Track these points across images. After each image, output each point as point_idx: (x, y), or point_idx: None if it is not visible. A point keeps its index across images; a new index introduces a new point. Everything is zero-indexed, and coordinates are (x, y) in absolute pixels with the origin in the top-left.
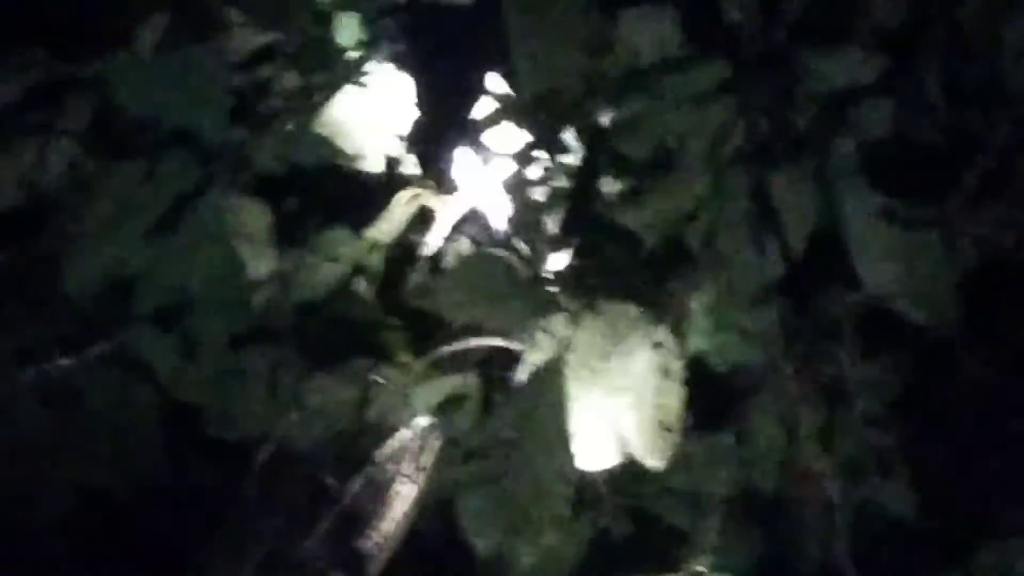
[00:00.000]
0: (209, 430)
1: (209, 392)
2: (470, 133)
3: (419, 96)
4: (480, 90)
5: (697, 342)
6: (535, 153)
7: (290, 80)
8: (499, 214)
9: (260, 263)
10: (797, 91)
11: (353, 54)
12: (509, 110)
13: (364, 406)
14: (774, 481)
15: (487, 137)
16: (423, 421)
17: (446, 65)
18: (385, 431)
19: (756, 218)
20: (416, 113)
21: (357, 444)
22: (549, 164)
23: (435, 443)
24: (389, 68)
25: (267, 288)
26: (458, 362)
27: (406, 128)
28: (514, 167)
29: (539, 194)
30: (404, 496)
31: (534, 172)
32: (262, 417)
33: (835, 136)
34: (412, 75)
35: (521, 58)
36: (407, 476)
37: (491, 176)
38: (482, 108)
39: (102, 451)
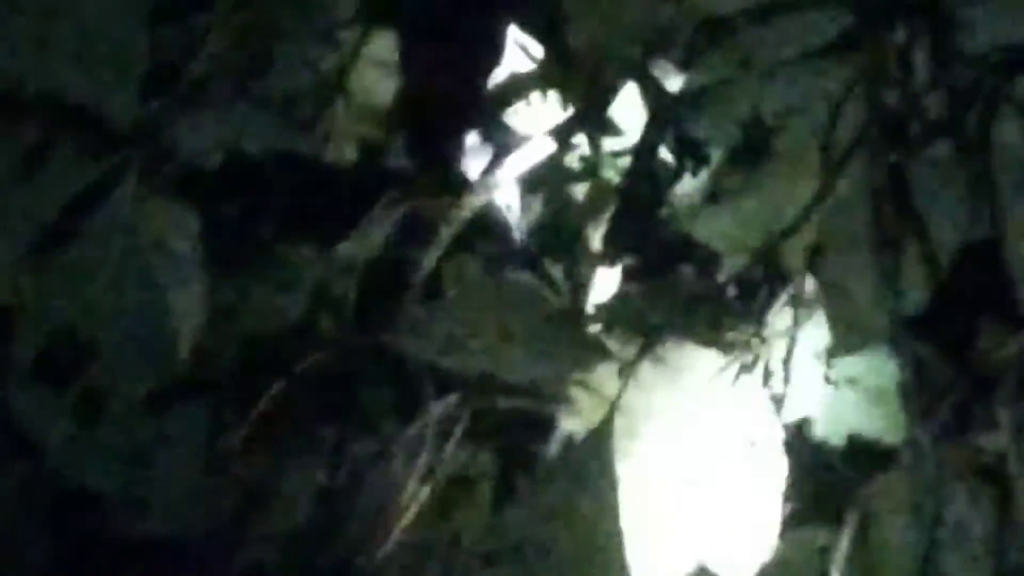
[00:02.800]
0: (113, 525)
1: (115, 472)
2: (482, 110)
3: (409, 57)
4: (497, 49)
5: (800, 403)
6: (574, 138)
7: (228, 35)
8: (522, 222)
9: (187, 290)
10: (944, 52)
11: None
12: (540, 77)
13: (329, 495)
14: None
15: (507, 116)
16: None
17: (447, 14)
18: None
19: (881, 229)
20: (405, 81)
21: (324, 548)
22: (592, 152)
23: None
24: (364, 17)
25: (197, 325)
26: (464, 431)
27: (391, 103)
28: (543, 156)
29: (578, 194)
30: None
31: (572, 163)
32: (189, 509)
33: (997, 116)
34: (399, 27)
35: None
36: None
37: (511, 170)
38: (500, 75)
39: None
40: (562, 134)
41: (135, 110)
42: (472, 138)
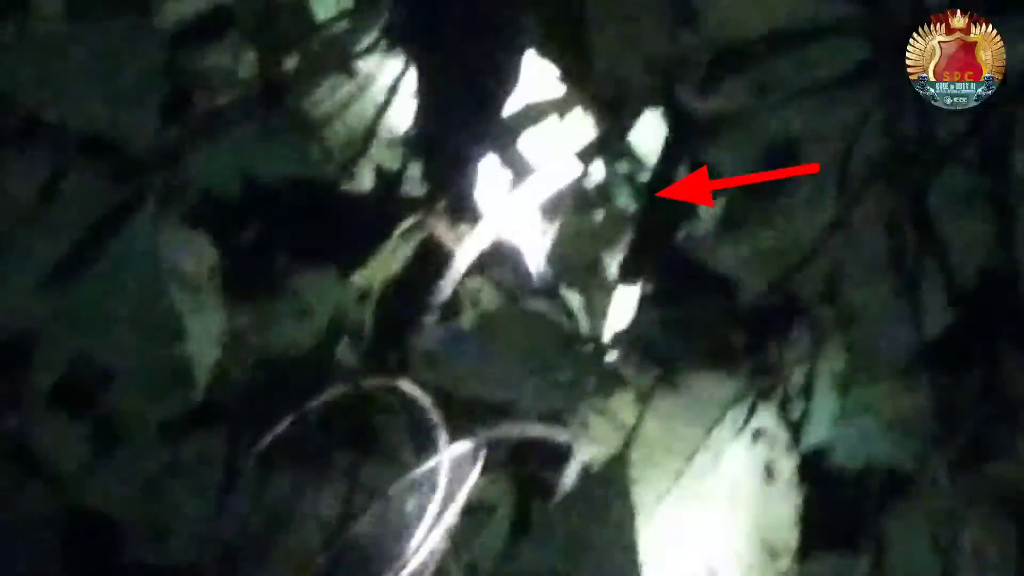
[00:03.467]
0: (129, 551)
1: (131, 499)
2: (499, 137)
3: (425, 85)
4: (514, 76)
5: (816, 431)
6: (590, 164)
7: (246, 64)
8: (538, 250)
9: (204, 317)
10: None
11: (334, 27)
12: (557, 104)
13: (347, 522)
14: None
15: (522, 143)
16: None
17: (463, 41)
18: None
19: (899, 256)
20: (421, 109)
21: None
22: (609, 179)
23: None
24: (383, 46)
25: (214, 353)
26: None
27: (407, 131)
28: (560, 185)
29: (595, 222)
30: None
31: (588, 191)
32: (206, 535)
33: (1014, 140)
34: (415, 55)
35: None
36: None
37: (527, 197)
38: (515, 102)
39: None
40: (580, 161)
41: (153, 137)
42: (488, 165)
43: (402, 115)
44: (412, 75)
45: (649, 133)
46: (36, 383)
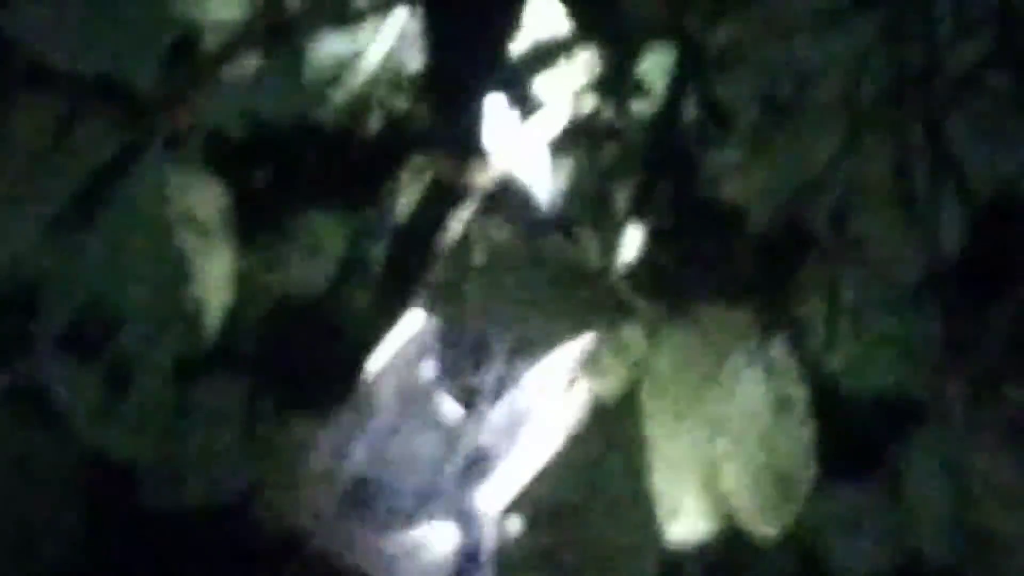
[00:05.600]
0: (145, 496)
1: (146, 443)
2: (504, 74)
3: (430, 22)
4: (519, 13)
5: (828, 360)
6: (598, 99)
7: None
8: (547, 186)
9: (214, 260)
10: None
11: None
12: (563, 40)
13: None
14: (940, 553)
15: (530, 79)
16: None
17: None
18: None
19: (909, 180)
20: (427, 48)
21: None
22: (617, 116)
23: None
24: None
25: (224, 295)
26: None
27: (414, 69)
28: (567, 120)
29: (604, 157)
30: None
31: (597, 126)
32: (223, 478)
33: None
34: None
35: None
36: None
37: (535, 133)
38: (522, 38)
39: None
40: (586, 96)
41: (159, 79)
42: (496, 103)
43: (408, 55)
44: (418, 14)
45: (657, 67)
46: (44, 328)
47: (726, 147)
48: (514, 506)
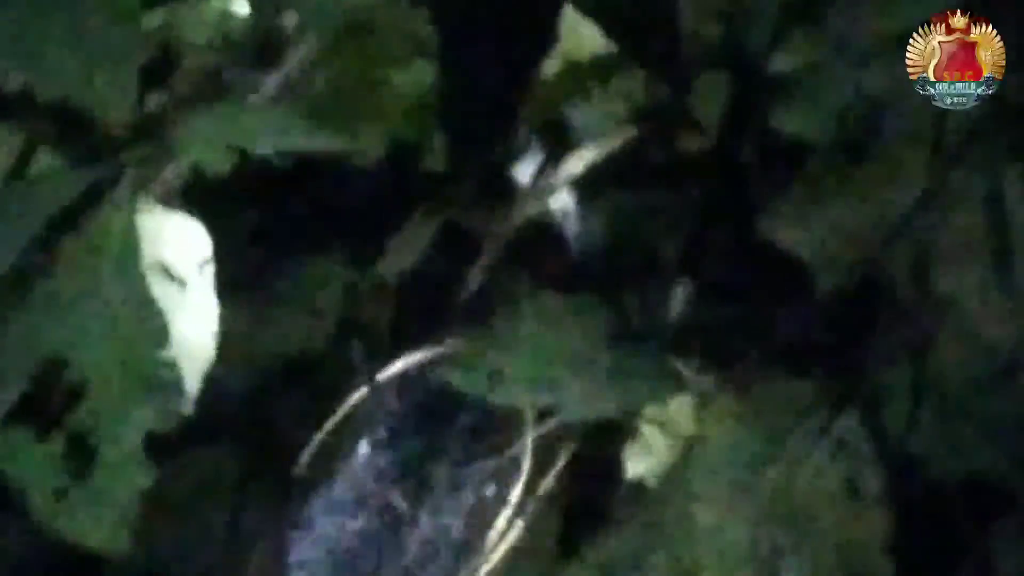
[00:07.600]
0: None
1: (112, 533)
2: (534, 104)
3: (449, 43)
4: (550, 33)
5: (909, 439)
6: (642, 133)
7: (243, 23)
8: (581, 234)
9: (195, 317)
10: None
11: None
12: (600, 64)
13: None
14: None
15: (562, 111)
16: None
17: None
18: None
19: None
20: (444, 71)
21: None
22: (665, 152)
23: None
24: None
25: (207, 358)
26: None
27: (428, 101)
28: (605, 157)
29: (648, 201)
30: None
31: (640, 164)
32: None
33: None
34: (435, 8)
35: None
36: None
37: (568, 172)
38: (553, 63)
39: None
40: (629, 130)
41: (130, 109)
42: (522, 137)
43: (421, 77)
44: (433, 32)
45: (710, 96)
46: None
47: (789, 190)
48: None
